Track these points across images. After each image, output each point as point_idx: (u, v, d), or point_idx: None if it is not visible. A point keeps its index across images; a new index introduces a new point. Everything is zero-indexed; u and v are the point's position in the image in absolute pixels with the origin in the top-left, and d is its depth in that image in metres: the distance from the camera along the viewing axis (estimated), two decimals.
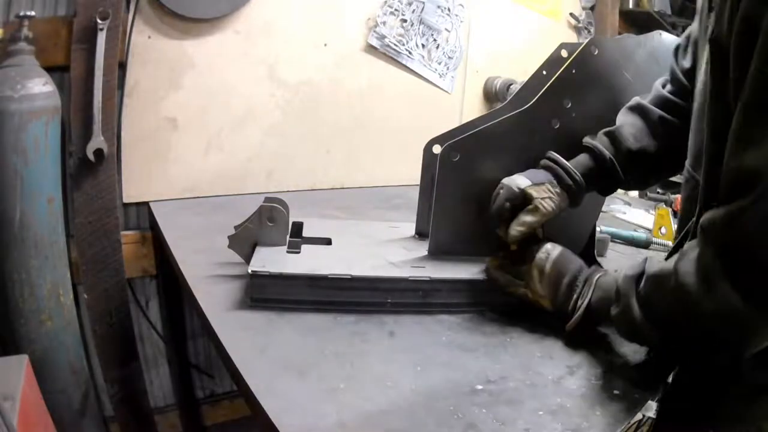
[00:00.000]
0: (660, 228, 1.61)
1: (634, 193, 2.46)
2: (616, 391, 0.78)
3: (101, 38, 1.32)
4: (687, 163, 0.87)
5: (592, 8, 2.34)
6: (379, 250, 1.09)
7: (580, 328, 0.88)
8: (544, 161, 1.01)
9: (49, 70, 1.27)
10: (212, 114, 1.62)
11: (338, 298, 0.95)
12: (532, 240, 0.97)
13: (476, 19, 1.96)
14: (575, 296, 0.88)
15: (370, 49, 1.79)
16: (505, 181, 0.98)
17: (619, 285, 0.80)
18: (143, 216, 1.60)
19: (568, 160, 0.99)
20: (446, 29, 1.90)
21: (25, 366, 1.00)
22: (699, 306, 0.68)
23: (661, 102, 0.99)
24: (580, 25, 2.26)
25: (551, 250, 0.92)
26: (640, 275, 0.78)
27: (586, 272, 0.90)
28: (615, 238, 1.50)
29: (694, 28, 0.93)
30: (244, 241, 1.05)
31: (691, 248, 0.70)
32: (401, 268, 1.01)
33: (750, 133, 0.62)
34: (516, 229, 0.95)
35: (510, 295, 0.96)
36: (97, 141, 1.35)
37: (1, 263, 1.23)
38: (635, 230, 1.59)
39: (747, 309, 0.63)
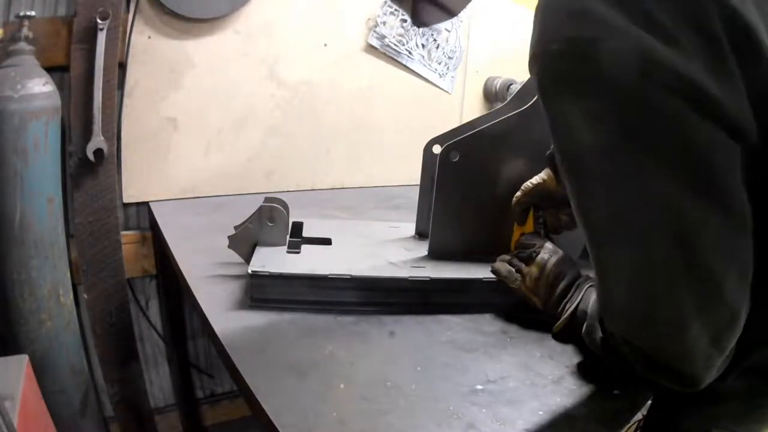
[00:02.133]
0: None
1: None
2: (616, 391, 0.78)
3: (101, 38, 1.32)
4: None
5: None
6: (379, 250, 1.09)
7: (566, 330, 0.87)
8: None
9: (49, 70, 1.27)
10: (212, 114, 1.62)
11: (338, 298, 0.95)
12: (535, 237, 0.97)
13: (476, 19, 1.96)
14: (565, 301, 0.87)
15: (370, 49, 1.79)
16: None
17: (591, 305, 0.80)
18: (143, 216, 1.60)
19: None
20: (446, 29, 1.90)
21: (25, 366, 1.00)
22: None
23: None
24: None
25: (553, 253, 0.92)
26: None
27: (580, 279, 0.89)
28: None
29: None
30: (244, 241, 1.05)
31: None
32: (401, 268, 1.01)
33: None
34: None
35: (508, 288, 0.95)
36: (97, 141, 1.35)
37: (1, 263, 1.23)
38: None
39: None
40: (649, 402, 0.80)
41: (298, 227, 1.16)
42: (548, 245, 0.94)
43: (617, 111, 0.53)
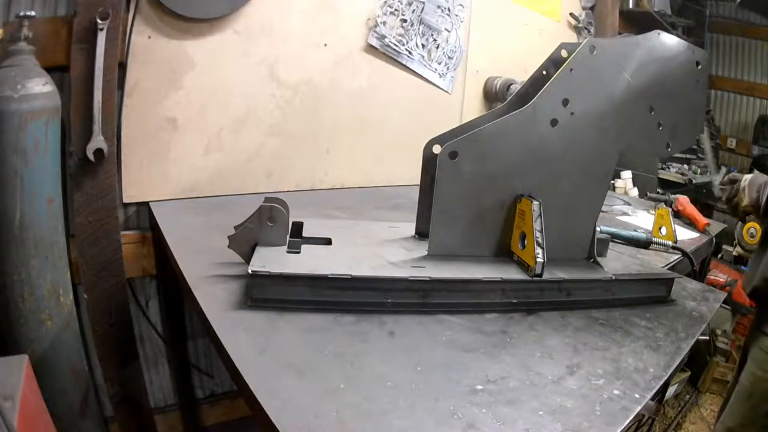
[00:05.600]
0: (660, 228, 1.61)
1: (635, 193, 2.46)
2: (616, 391, 0.78)
3: (101, 38, 1.32)
4: None
5: (592, 8, 2.34)
6: (379, 250, 1.09)
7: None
8: None
9: (49, 70, 1.27)
10: (212, 114, 1.62)
11: (338, 298, 0.95)
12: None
13: (476, 19, 1.96)
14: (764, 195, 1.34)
15: (370, 49, 1.79)
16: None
17: None
18: (143, 216, 1.60)
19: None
20: (446, 29, 1.90)
21: (25, 366, 1.00)
22: None
23: None
24: (580, 25, 2.26)
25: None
26: None
27: None
28: (615, 238, 1.50)
29: None
30: (244, 241, 1.05)
31: None
32: (401, 268, 1.01)
33: None
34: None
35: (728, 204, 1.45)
36: (97, 141, 1.35)
37: (1, 263, 1.23)
38: (635, 230, 1.59)
39: None
40: None
41: (298, 227, 1.16)
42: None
43: None
